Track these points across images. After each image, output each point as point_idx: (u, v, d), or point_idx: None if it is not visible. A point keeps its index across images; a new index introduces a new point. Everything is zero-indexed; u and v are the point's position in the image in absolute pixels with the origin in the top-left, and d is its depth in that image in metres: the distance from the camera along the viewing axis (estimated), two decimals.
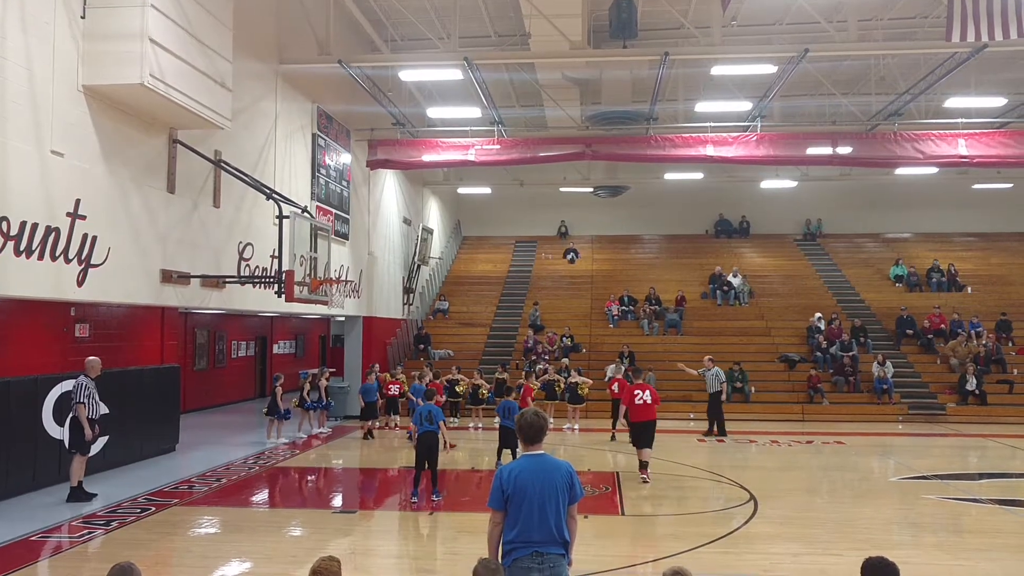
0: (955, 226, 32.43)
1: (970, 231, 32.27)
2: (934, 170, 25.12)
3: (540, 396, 19.70)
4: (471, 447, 16.59)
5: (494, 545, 5.03)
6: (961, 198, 31.25)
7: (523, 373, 21.14)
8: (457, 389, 20.46)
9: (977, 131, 19.48)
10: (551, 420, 19.76)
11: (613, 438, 17.25)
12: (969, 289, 27.77)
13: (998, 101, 21.56)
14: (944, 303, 26.14)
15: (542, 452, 5.07)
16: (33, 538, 9.25)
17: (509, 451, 13.52)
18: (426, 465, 11.34)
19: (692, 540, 9.17)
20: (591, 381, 20.36)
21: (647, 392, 13.37)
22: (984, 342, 23.48)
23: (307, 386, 18.14)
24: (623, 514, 10.97)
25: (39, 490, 11.65)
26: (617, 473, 13.57)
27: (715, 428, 18.39)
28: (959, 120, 20.44)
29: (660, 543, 9.46)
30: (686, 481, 13.17)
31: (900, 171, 25.67)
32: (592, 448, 16.22)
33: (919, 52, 18.47)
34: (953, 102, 21.01)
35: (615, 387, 17.70)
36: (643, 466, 13.13)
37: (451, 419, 20.56)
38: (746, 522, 10.20)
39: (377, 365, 20.17)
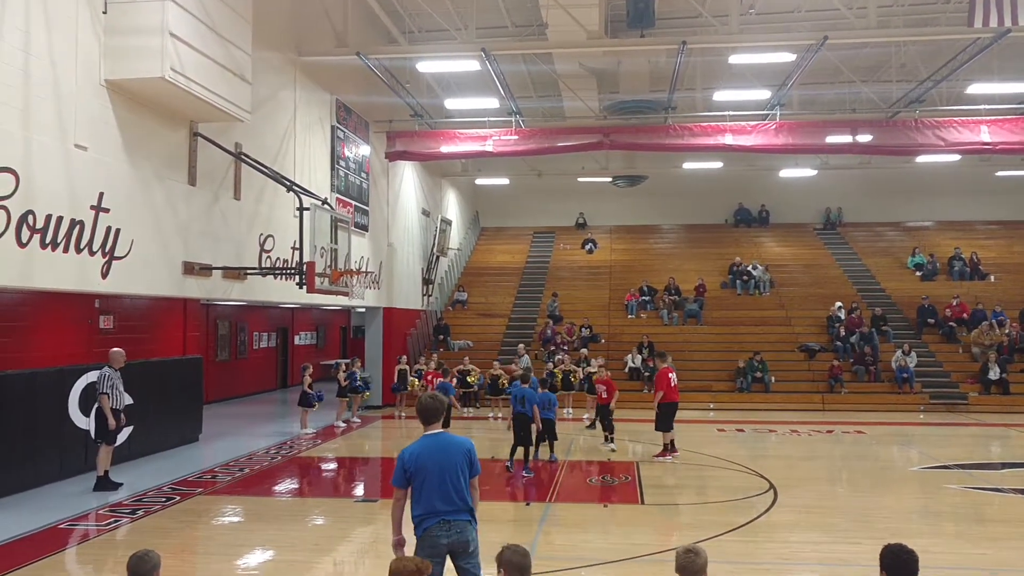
0: (978, 214, 32.08)
1: (993, 219, 31.87)
2: (956, 157, 24.86)
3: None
4: (491, 436, 16.65)
5: (396, 520, 5.46)
6: (984, 185, 30.92)
7: (544, 364, 21.27)
8: (468, 379, 20.62)
9: (1000, 117, 19.25)
10: (570, 411, 19.95)
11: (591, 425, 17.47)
12: (992, 277, 27.51)
13: (1022, 87, 21.27)
14: (966, 292, 25.90)
15: (440, 431, 5.44)
16: (61, 526, 9.42)
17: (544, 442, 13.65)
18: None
19: (712, 529, 9.18)
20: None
21: (674, 374, 14.11)
22: (1007, 331, 23.26)
23: (341, 376, 18.45)
24: (643, 503, 10.99)
25: (66, 479, 11.84)
26: (637, 463, 13.59)
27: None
28: (982, 106, 20.20)
29: (680, 532, 9.49)
30: (706, 470, 13.17)
31: (921, 159, 25.46)
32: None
33: (940, 38, 18.20)
34: (976, 88, 20.74)
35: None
36: (672, 445, 13.98)
37: (467, 409, 20.74)
38: (766, 511, 10.20)
39: (404, 357, 20.39)
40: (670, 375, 13.95)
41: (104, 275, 10.81)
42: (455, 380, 20.00)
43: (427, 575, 4.40)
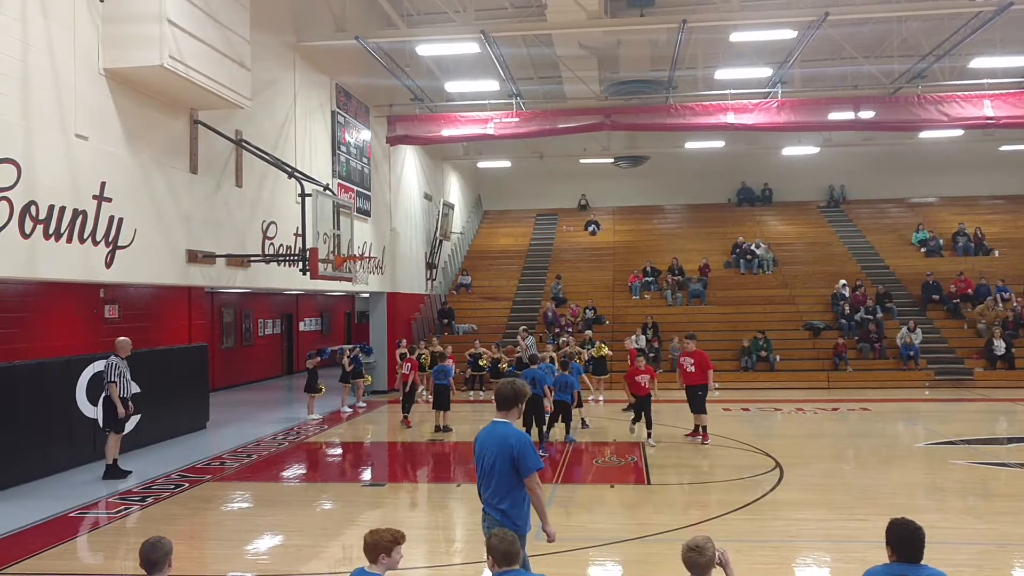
0: (982, 189, 31.92)
1: (997, 194, 31.72)
2: (959, 132, 24.72)
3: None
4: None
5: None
6: (988, 160, 30.73)
7: (546, 346, 21.31)
8: (480, 363, 20.67)
9: (1003, 91, 19.12)
10: None
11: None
12: (996, 252, 27.42)
13: None
14: (970, 267, 25.84)
15: (505, 421, 5.35)
16: (72, 514, 9.49)
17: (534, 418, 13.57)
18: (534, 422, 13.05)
19: (718, 508, 9.23)
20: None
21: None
22: (1013, 306, 23.22)
23: (345, 360, 18.50)
24: (649, 483, 11.04)
25: (76, 468, 11.92)
26: (643, 443, 13.61)
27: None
28: (984, 81, 20.05)
29: (686, 511, 9.52)
30: (711, 450, 13.21)
31: (924, 134, 25.30)
32: (617, 419, 16.28)
33: (943, 12, 18.03)
34: (978, 62, 20.54)
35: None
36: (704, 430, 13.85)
37: (478, 392, 20.80)
38: (772, 489, 10.23)
39: (404, 340, 20.42)
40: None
41: (108, 265, 10.83)
42: (467, 363, 20.10)
43: (403, 544, 4.48)
